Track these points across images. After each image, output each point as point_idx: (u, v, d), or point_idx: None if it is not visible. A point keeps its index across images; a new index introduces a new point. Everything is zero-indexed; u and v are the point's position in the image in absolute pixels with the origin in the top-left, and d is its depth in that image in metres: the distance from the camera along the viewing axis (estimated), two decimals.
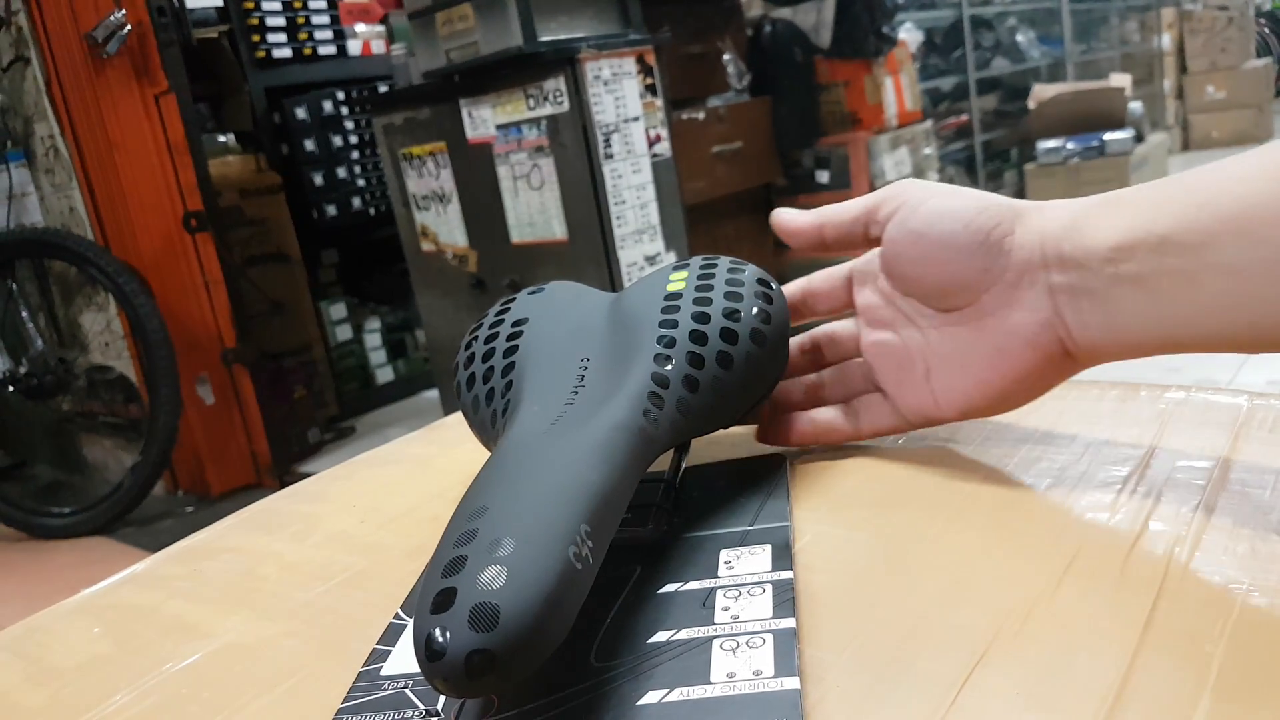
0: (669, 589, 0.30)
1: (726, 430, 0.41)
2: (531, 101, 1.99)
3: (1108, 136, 4.16)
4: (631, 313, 0.38)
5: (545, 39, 1.95)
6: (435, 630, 0.22)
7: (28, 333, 2.45)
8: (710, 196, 2.92)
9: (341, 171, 3.07)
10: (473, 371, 0.39)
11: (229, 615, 0.35)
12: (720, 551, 0.32)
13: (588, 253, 2.03)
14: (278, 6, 2.91)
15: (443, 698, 0.26)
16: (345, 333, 3.12)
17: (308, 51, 3.01)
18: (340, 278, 3.25)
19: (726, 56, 3.16)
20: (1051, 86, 4.59)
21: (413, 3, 2.13)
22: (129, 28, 2.29)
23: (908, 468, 0.37)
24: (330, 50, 3.06)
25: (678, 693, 0.25)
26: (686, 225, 2.18)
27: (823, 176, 3.33)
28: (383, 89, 3.05)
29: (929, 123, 3.70)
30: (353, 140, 3.09)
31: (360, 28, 3.15)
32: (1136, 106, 4.46)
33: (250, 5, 2.85)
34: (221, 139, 2.87)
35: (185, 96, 2.40)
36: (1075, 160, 4.17)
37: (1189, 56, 5.56)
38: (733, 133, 3.06)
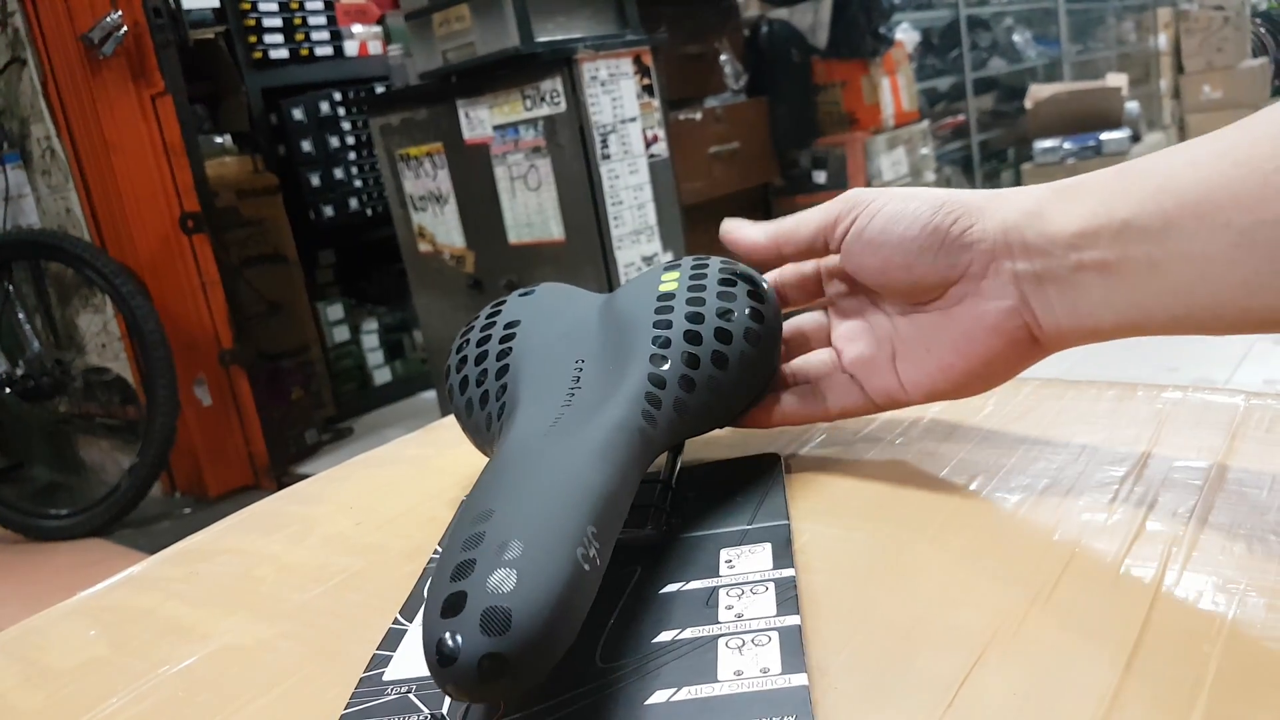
0: (671, 589, 0.30)
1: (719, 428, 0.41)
2: (528, 102, 1.99)
3: (1104, 136, 4.16)
4: (624, 314, 0.38)
5: (542, 40, 1.95)
6: (446, 635, 0.22)
7: (24, 334, 2.44)
8: (708, 197, 2.92)
9: (339, 172, 3.07)
10: (465, 375, 0.39)
11: (226, 617, 0.35)
12: (720, 551, 0.32)
13: (585, 253, 2.03)
14: (274, 7, 2.91)
15: (448, 702, 0.26)
16: (343, 333, 3.12)
17: (304, 52, 3.00)
18: (338, 278, 3.24)
19: (723, 57, 3.16)
20: (1048, 86, 4.59)
21: (409, 3, 2.13)
22: (125, 29, 2.29)
23: (904, 468, 0.38)
24: (327, 51, 3.06)
25: (685, 691, 0.25)
26: (684, 226, 2.18)
27: (820, 177, 3.33)
28: (380, 90, 3.05)
29: (926, 123, 3.71)
30: (350, 141, 3.09)
31: (357, 28, 3.15)
32: (1133, 106, 4.47)
33: (247, 6, 2.84)
34: (218, 140, 2.87)
35: (182, 97, 2.39)
36: (1072, 160, 4.17)
37: (1185, 56, 5.56)
38: (730, 133, 3.06)
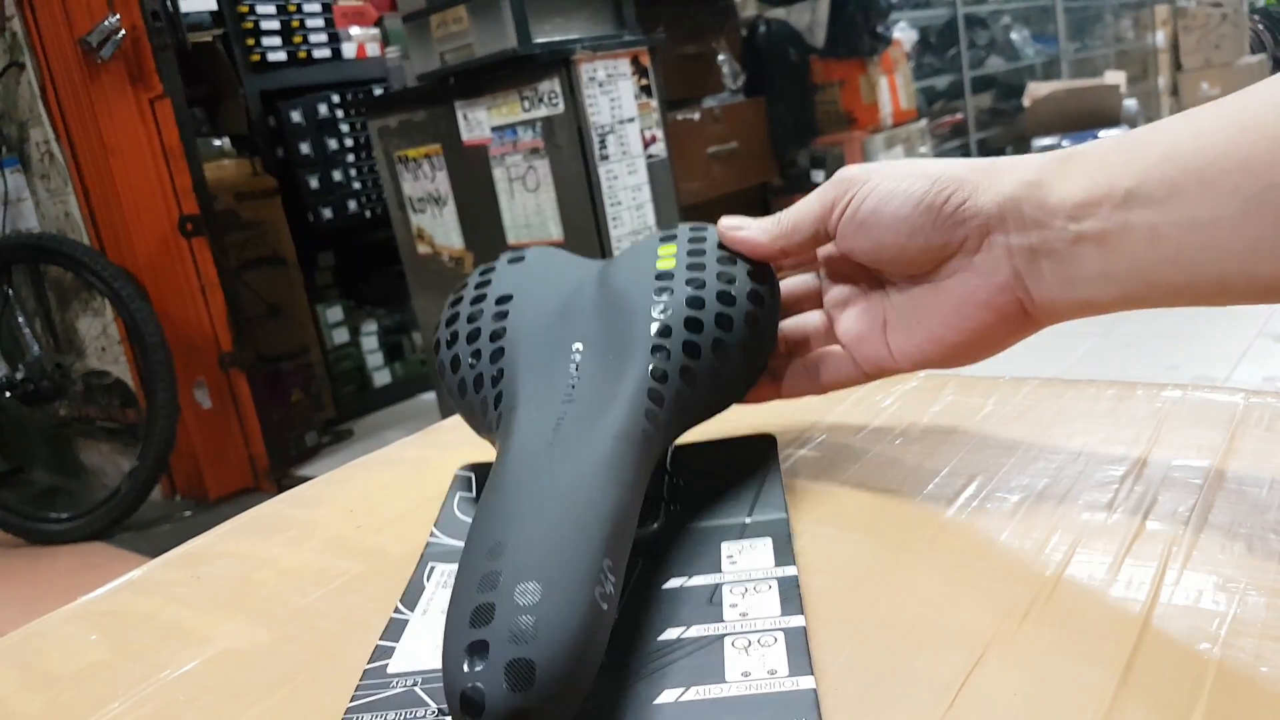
0: (674, 584, 0.30)
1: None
2: (526, 103, 1.99)
3: (1103, 134, 4.16)
4: (621, 294, 0.37)
5: (540, 41, 1.95)
6: (469, 686, 0.22)
7: (24, 338, 2.44)
8: (706, 197, 2.92)
9: (337, 174, 3.06)
10: (456, 354, 0.38)
11: (227, 621, 0.35)
12: (721, 545, 0.32)
13: (584, 254, 2.02)
14: (272, 10, 2.90)
15: None
16: (342, 335, 3.12)
17: (302, 55, 3.00)
18: (337, 280, 3.24)
19: (721, 57, 3.16)
20: (1046, 84, 4.59)
21: (407, 5, 2.13)
22: (123, 32, 2.28)
23: (904, 468, 0.38)
24: (325, 53, 3.05)
25: (694, 691, 0.25)
26: None
27: (818, 176, 3.33)
28: (378, 92, 3.04)
29: (924, 121, 3.71)
30: (348, 143, 3.09)
31: (355, 31, 3.15)
32: (1131, 104, 4.47)
33: (245, 9, 2.84)
34: (217, 143, 2.87)
35: (180, 100, 2.39)
36: None
37: (1183, 53, 5.56)
38: (728, 133, 3.06)
